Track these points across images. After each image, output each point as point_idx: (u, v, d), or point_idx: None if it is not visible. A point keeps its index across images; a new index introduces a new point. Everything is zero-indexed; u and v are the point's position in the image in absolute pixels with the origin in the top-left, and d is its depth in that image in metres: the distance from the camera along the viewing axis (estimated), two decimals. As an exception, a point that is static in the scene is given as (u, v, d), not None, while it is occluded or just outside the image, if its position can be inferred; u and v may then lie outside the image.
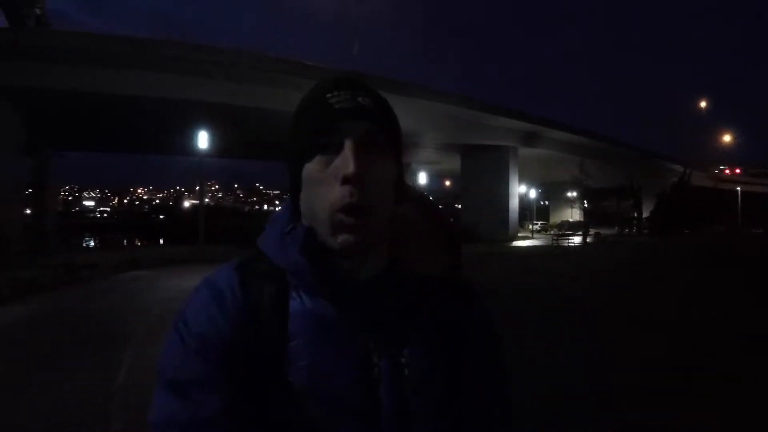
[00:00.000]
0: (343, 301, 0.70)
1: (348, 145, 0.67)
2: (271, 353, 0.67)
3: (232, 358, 0.66)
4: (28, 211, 31.75)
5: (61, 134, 32.36)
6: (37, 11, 31.18)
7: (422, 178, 39.65)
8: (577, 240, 38.22)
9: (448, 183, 60.82)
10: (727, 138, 71.82)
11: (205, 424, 0.64)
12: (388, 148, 0.71)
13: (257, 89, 25.77)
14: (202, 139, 23.68)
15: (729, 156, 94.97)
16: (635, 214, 48.90)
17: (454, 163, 42.71)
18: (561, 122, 43.46)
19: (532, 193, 55.67)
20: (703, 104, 76.91)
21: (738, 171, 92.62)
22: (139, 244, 41.21)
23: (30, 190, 32.02)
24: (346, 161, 0.66)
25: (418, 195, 0.81)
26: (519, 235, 41.74)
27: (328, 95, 0.70)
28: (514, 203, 41.30)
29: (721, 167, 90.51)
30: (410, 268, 0.74)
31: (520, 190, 48.70)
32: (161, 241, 35.77)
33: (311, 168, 0.69)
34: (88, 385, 4.98)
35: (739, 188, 71.51)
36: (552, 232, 46.54)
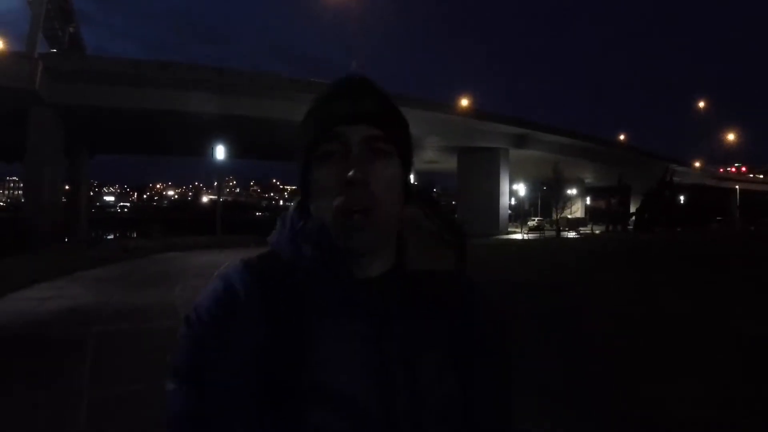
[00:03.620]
0: (355, 298, 0.70)
1: (350, 150, 0.68)
2: (282, 350, 0.66)
3: (244, 354, 0.65)
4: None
5: (96, 140, 36.92)
6: (71, 30, 35.38)
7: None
8: (554, 234, 41.61)
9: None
10: (730, 137, 73.85)
11: (214, 416, 0.63)
12: (392, 150, 0.72)
13: (271, 104, 29.92)
14: (222, 145, 27.98)
15: (731, 154, 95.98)
16: (623, 212, 50.66)
17: (453, 162, 46.11)
18: (549, 125, 46.32)
19: (522, 192, 57.92)
20: (702, 104, 79.34)
21: (744, 169, 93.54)
22: (164, 235, 45.53)
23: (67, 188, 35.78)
24: (348, 166, 0.67)
25: (423, 194, 0.81)
26: (509, 230, 44.96)
27: (333, 100, 0.71)
28: (504, 201, 44.59)
29: (737, 164, 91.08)
30: (416, 266, 0.74)
31: (515, 188, 51.72)
32: (184, 233, 40.14)
33: (317, 173, 0.70)
34: (160, 293, 9.63)
35: (737, 186, 72.92)
36: (529, 228, 48.87)
